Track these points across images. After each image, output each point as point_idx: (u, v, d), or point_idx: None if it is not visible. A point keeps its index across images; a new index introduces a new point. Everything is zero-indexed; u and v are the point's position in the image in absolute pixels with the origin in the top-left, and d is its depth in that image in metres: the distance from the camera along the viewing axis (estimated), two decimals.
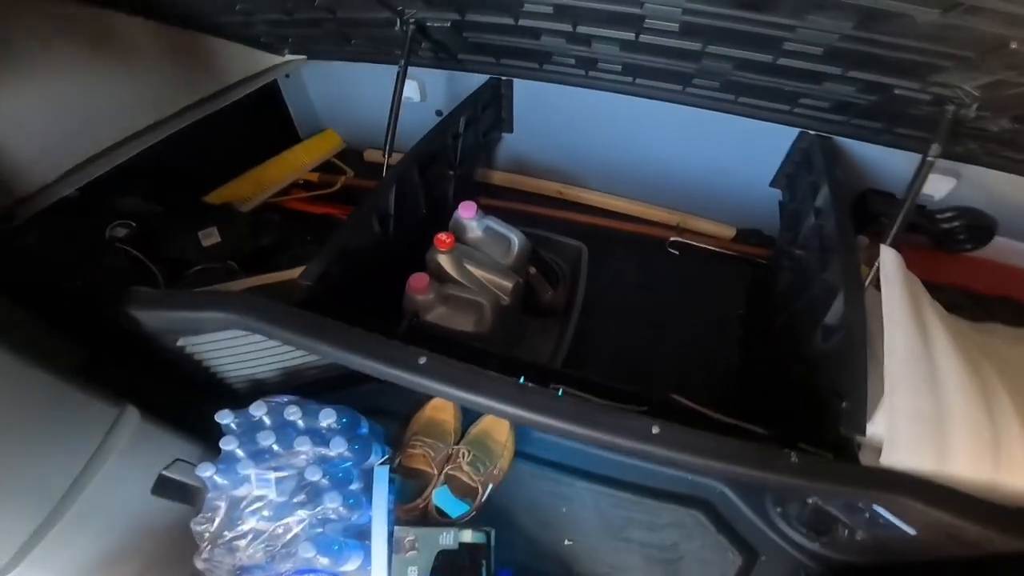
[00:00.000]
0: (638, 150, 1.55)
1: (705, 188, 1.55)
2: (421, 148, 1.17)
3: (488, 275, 1.11)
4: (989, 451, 0.70)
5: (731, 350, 1.35)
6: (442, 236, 1.06)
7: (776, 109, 1.23)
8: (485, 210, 1.19)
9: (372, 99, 1.56)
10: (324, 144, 1.76)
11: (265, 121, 1.68)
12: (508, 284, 1.11)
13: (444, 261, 1.08)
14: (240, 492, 0.90)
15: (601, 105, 1.46)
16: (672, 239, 1.56)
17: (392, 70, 1.25)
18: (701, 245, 1.56)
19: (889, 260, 0.88)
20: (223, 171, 1.48)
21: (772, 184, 1.43)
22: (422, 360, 0.75)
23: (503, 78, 1.49)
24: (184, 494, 0.94)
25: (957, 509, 0.65)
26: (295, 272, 0.96)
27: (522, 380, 0.78)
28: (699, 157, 1.49)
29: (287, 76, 1.66)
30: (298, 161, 1.63)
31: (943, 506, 0.65)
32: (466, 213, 1.15)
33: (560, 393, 0.77)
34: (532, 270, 1.36)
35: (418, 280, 1.03)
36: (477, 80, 1.49)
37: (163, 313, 0.83)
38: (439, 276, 1.09)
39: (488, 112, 1.52)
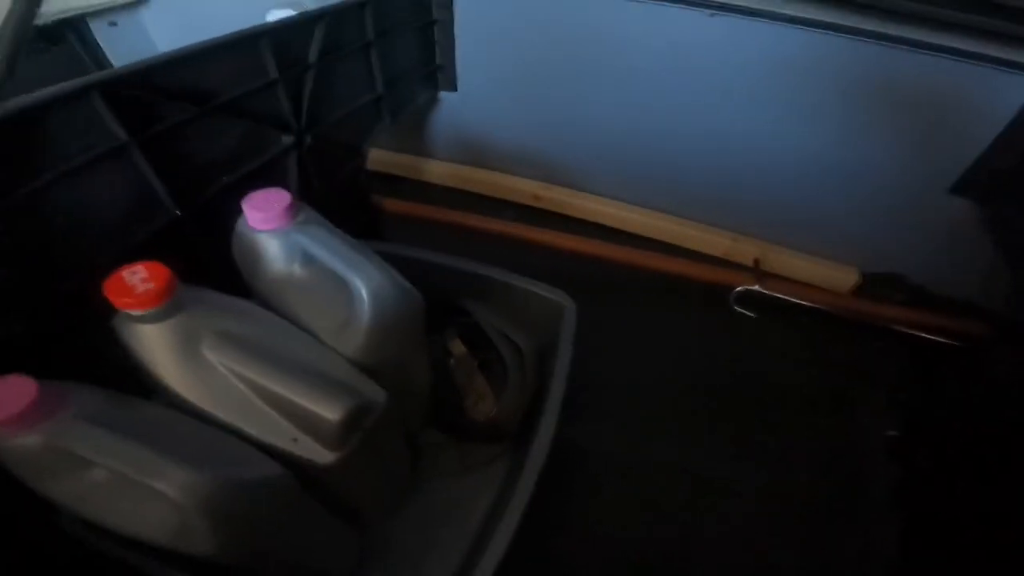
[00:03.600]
0: (686, 124, 0.85)
1: (809, 194, 0.83)
2: (122, 73, 0.45)
3: (275, 387, 0.39)
4: None
5: (870, 526, 0.61)
6: (126, 275, 0.35)
7: None
8: (402, 220, 0.57)
9: None
10: None
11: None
12: (331, 417, 0.39)
13: (147, 342, 0.37)
14: None
15: (628, 35, 0.79)
16: (740, 288, 0.84)
17: None
18: (799, 301, 0.83)
19: None
20: None
21: (955, 189, 0.71)
22: None
23: None
24: None
25: None
26: None
27: None
28: (804, 134, 0.78)
29: (112, 24, 1.06)
30: None
31: None
32: (258, 218, 0.44)
33: None
34: (456, 349, 0.65)
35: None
36: None
37: None
38: (153, 380, 0.39)
39: (403, 44, 0.83)
